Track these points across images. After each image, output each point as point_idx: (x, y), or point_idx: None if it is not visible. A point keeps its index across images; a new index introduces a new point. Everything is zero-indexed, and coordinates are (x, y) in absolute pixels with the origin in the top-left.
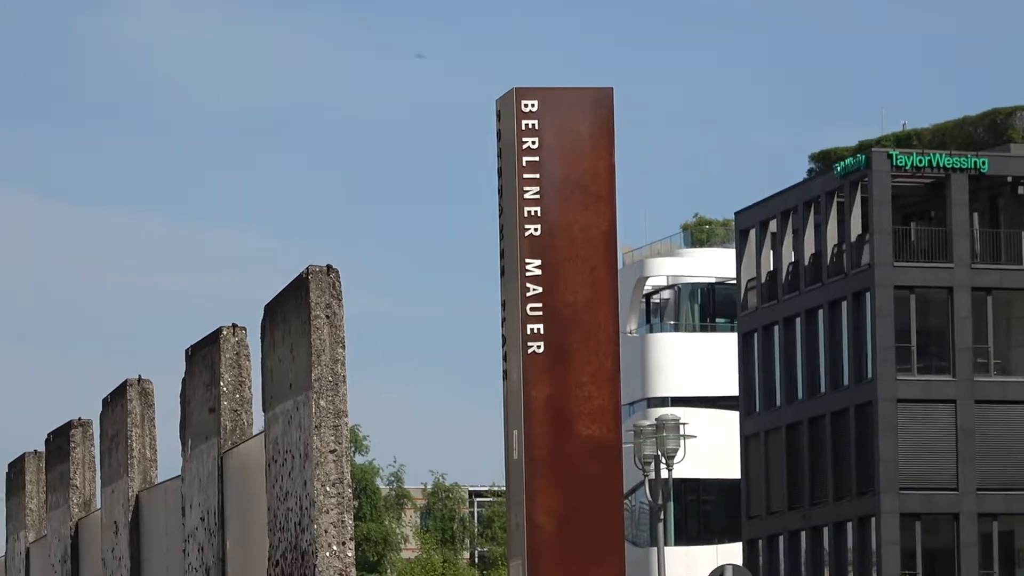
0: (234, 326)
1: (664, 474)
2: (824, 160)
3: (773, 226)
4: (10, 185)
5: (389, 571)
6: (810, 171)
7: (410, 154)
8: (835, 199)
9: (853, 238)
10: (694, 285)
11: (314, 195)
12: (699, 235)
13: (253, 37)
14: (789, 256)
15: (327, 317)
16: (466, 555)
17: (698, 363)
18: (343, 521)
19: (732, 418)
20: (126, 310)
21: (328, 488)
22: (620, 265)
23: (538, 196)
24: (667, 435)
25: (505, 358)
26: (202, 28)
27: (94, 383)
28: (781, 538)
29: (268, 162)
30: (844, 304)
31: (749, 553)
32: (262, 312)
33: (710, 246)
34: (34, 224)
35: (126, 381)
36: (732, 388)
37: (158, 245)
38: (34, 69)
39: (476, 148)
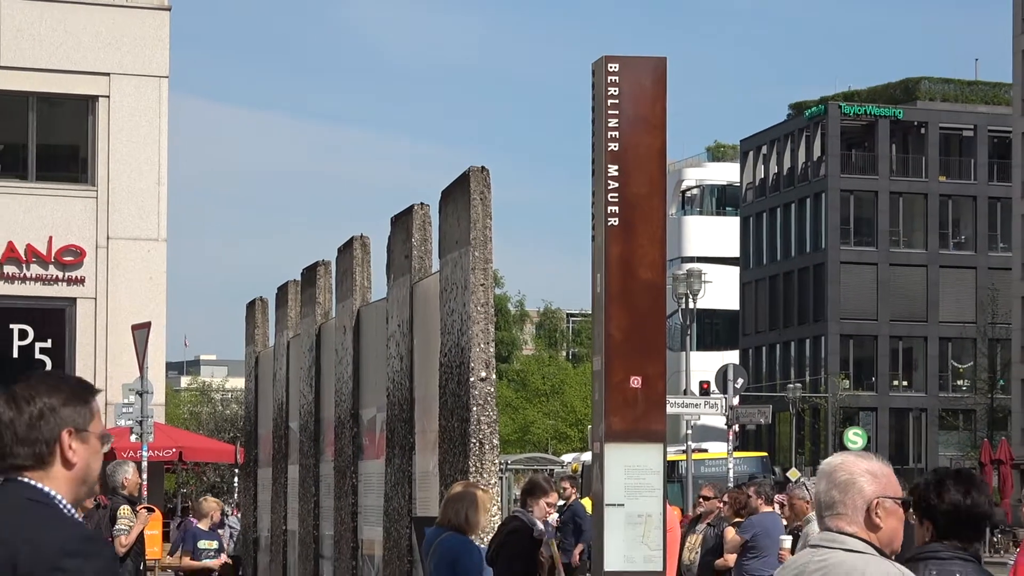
0: (421, 204)
1: (691, 305)
2: (798, 108)
3: (764, 149)
4: (285, 113)
5: (515, 363)
6: (788, 115)
7: (541, 97)
8: (804, 133)
9: (815, 158)
10: (713, 186)
11: (477, 119)
12: (717, 154)
13: (432, 14)
14: (774, 169)
15: (480, 199)
16: (563, 354)
17: (714, 235)
18: (488, 329)
19: (735, 271)
20: (357, 192)
21: (478, 307)
22: (667, 171)
23: (617, 125)
24: (693, 280)
25: (593, 227)
26: (400, 7)
27: (334, 236)
28: (764, 348)
29: (445, 96)
30: (808, 200)
31: (743, 357)
32: (439, 195)
33: (724, 161)
34: (297, 137)
35: (352, 237)
36: (735, 251)
37: (377, 152)
38: (308, 41)
39: (578, 97)
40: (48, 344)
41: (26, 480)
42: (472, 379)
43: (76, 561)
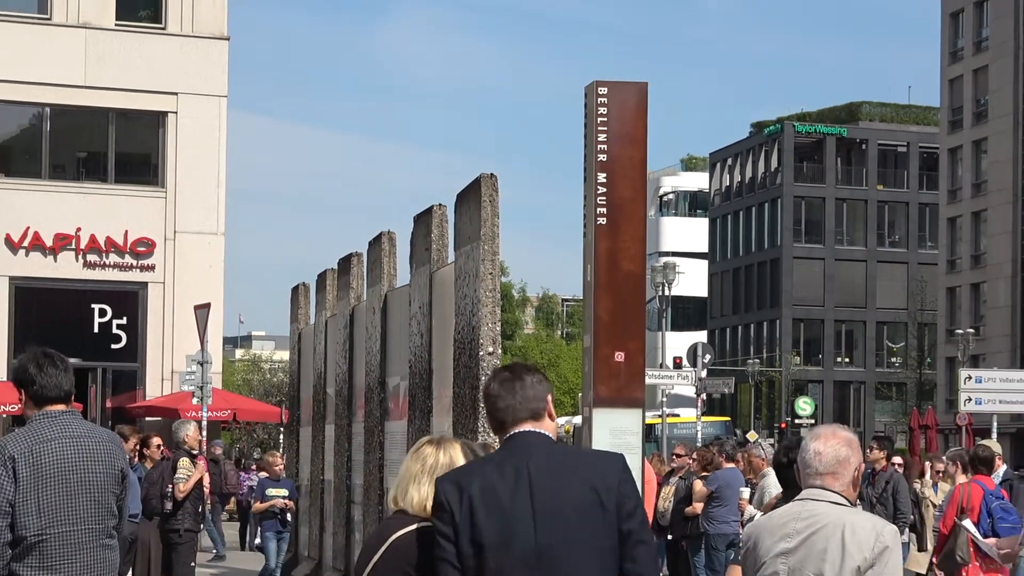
0: (440, 204)
1: (666, 292)
2: (758, 126)
3: (730, 161)
4: (326, 126)
5: (517, 340)
6: (750, 132)
7: (541, 115)
8: (763, 148)
9: (772, 169)
10: (686, 191)
11: (488, 133)
12: (690, 164)
13: (451, 44)
14: (738, 178)
15: (490, 200)
16: (558, 333)
17: (686, 234)
18: (495, 311)
19: (704, 264)
20: (385, 194)
21: (487, 293)
22: (647, 179)
23: (605, 139)
24: (668, 271)
25: (584, 226)
26: (424, 37)
27: (365, 232)
28: (728, 329)
29: (461, 112)
30: (766, 205)
31: (710, 337)
32: (455, 197)
33: (695, 171)
34: (335, 146)
35: (381, 232)
36: (704, 247)
37: (402, 160)
38: (335, 60)
39: (572, 114)
40: (123, 321)
41: (533, 429)
42: (481, 353)
43: (628, 474)
